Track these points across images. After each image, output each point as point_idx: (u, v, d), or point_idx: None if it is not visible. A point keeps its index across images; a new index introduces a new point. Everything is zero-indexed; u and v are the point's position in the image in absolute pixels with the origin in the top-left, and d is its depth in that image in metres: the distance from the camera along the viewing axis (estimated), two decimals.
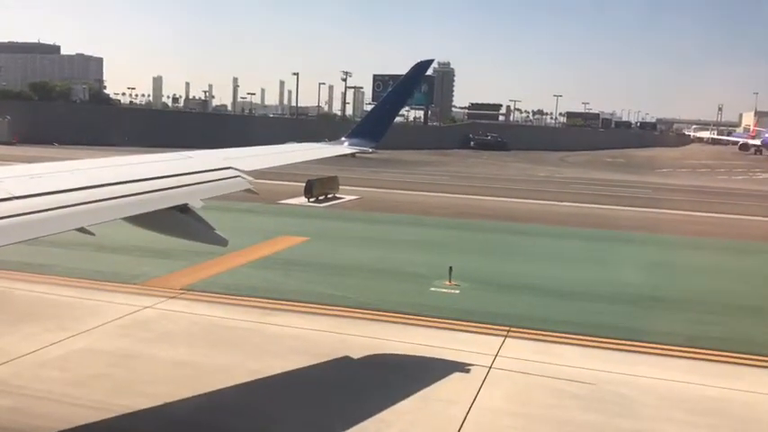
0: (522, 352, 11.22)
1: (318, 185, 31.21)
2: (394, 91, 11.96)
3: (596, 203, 35.84)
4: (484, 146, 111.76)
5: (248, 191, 7.56)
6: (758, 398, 9.92)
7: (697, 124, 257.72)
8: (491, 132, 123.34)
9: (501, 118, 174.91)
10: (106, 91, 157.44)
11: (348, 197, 32.62)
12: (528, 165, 76.03)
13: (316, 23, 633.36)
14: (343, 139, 10.77)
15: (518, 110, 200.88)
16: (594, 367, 10.63)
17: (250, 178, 7.57)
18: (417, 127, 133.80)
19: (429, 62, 11.08)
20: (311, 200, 30.42)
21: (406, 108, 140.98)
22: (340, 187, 33.08)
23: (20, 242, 4.76)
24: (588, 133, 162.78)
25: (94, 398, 8.87)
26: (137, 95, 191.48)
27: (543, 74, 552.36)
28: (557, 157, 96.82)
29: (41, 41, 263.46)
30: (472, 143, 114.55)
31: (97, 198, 5.52)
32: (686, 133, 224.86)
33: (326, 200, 31.32)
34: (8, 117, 68.43)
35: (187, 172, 6.98)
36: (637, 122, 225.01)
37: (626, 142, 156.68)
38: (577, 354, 11.34)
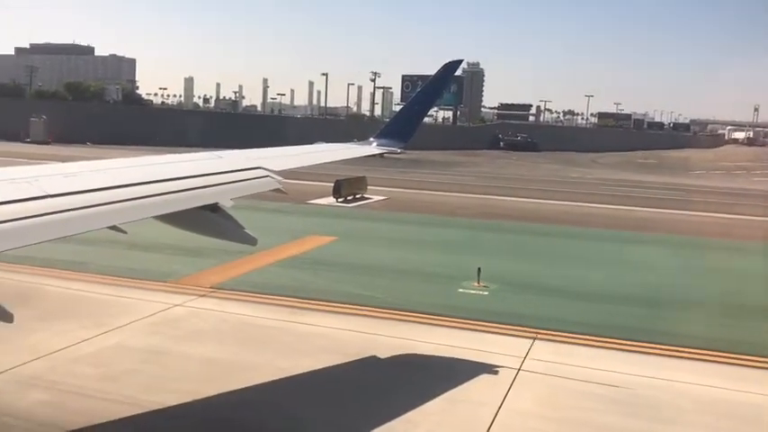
0: (551, 354, 11.11)
1: (346, 186, 31.29)
2: (423, 91, 11.88)
3: (628, 205, 35.40)
4: (513, 146, 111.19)
5: (277, 190, 7.57)
6: None
7: (732, 125, 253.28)
8: (521, 133, 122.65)
9: (531, 118, 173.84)
10: (138, 91, 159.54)
11: (376, 197, 32.65)
12: (559, 166, 75.45)
13: (344, 24, 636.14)
14: (371, 139, 10.69)
15: (548, 110, 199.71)
16: (624, 371, 10.48)
17: (279, 178, 7.58)
18: (446, 127, 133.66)
19: (458, 62, 10.97)
20: (339, 200, 30.51)
21: (435, 108, 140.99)
22: (368, 187, 33.15)
23: (55, 239, 4.83)
24: (620, 134, 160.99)
25: (126, 393, 9.00)
26: (168, 96, 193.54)
27: (574, 74, 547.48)
28: (588, 158, 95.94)
29: (76, 43, 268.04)
30: (502, 144, 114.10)
31: (129, 197, 5.57)
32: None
33: (354, 200, 31.40)
34: (44, 117, 69.88)
35: (217, 171, 7.02)
36: (669, 123, 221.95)
37: (659, 143, 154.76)
38: (606, 357, 11.18)
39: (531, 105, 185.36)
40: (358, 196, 32.01)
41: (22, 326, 11.49)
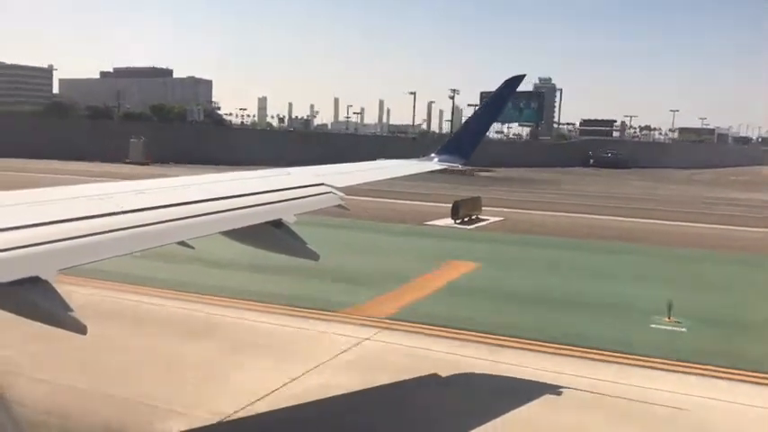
0: None
1: (464, 207, 30.50)
2: (484, 107, 12.07)
3: None
4: (604, 163, 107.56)
5: (339, 206, 7.39)
6: None
7: None
8: (610, 149, 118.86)
9: (615, 134, 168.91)
10: (219, 111, 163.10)
11: (491, 219, 31.66)
12: (653, 183, 72.88)
13: (416, 43, 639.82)
14: (432, 155, 10.57)
15: (631, 126, 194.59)
16: None
17: (341, 194, 7.51)
18: (525, 144, 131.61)
19: (520, 78, 10.45)
20: (457, 221, 29.67)
21: (509, 125, 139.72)
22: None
23: (127, 254, 4.77)
24: (703, 149, 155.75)
25: None
26: (246, 116, 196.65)
27: (657, 88, 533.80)
28: (683, 175, 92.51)
29: (155, 65, 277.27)
30: (591, 161, 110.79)
31: (198, 213, 5.65)
32: None
33: (470, 221, 30.48)
34: (143, 138, 70.76)
35: (281, 188, 7.04)
36: (758, 138, 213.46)
37: (745, 159, 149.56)
38: None
39: (614, 121, 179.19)
40: (474, 217, 31.11)
41: (217, 360, 10.87)
